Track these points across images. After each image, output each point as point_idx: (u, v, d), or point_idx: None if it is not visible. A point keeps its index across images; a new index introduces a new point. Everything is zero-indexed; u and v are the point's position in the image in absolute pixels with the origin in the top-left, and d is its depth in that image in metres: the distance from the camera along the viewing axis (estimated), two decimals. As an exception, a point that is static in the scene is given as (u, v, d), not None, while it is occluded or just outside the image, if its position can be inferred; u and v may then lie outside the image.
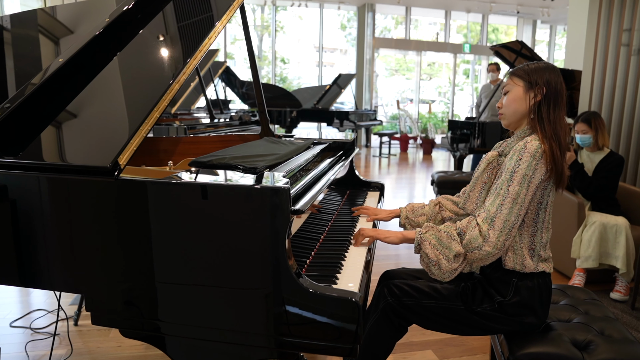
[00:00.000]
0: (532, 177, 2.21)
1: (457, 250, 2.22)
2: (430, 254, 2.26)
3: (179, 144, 3.43)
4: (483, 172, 2.42)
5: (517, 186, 2.20)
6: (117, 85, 2.32)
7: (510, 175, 2.22)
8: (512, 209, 2.19)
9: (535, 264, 2.33)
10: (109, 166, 1.90)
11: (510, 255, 2.32)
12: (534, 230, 2.32)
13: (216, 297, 1.86)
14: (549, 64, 2.42)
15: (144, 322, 1.95)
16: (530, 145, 2.23)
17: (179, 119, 7.31)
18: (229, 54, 18.98)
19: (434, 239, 2.27)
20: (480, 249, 2.19)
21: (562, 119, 2.35)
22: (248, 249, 1.81)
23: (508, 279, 2.34)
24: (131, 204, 1.90)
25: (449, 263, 2.23)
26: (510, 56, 8.16)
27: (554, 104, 2.33)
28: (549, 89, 2.33)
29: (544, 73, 2.36)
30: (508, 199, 2.20)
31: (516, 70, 2.45)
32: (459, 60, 20.78)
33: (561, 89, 2.36)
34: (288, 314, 1.81)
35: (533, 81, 2.36)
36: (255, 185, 1.84)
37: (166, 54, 2.38)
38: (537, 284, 2.33)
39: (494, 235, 2.18)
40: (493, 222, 2.19)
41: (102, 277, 1.97)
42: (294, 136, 3.73)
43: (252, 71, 3.64)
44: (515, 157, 2.24)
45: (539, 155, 2.21)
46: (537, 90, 2.35)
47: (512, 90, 2.42)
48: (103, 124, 2.19)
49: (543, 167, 2.22)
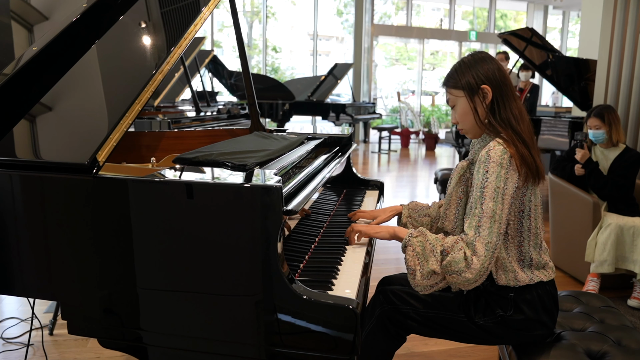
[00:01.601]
0: (504, 189, 2.13)
1: (432, 267, 2.13)
2: (410, 261, 2.19)
3: (163, 139, 3.42)
4: (456, 187, 2.38)
5: (490, 202, 2.12)
6: (95, 76, 2.31)
7: (480, 192, 2.15)
8: (491, 229, 2.10)
9: (530, 276, 2.29)
10: (87, 163, 1.90)
11: (501, 274, 2.28)
12: (520, 241, 2.29)
13: (202, 305, 1.86)
14: (475, 54, 2.38)
15: (125, 332, 1.95)
16: (494, 153, 2.15)
17: (162, 112, 7.29)
18: (217, 42, 18.96)
19: (419, 247, 2.18)
20: (460, 274, 2.09)
21: (516, 107, 2.30)
22: (237, 253, 1.81)
23: (505, 294, 2.31)
24: (110, 203, 1.90)
25: (422, 278, 2.15)
26: (520, 44, 8.18)
27: (503, 97, 2.28)
28: (491, 84, 2.28)
29: (476, 69, 2.31)
30: (484, 218, 2.11)
31: (448, 81, 2.40)
32: (464, 49, 20.79)
33: (502, 75, 2.31)
34: (280, 322, 1.82)
35: (472, 85, 2.30)
36: (244, 183, 1.84)
37: (148, 42, 2.38)
38: (536, 295, 2.30)
39: (477, 262, 2.08)
40: (474, 247, 2.09)
41: (79, 283, 1.97)
42: (287, 131, 3.73)
43: (241, 61, 3.63)
44: (482, 170, 2.16)
45: (507, 162, 2.14)
46: (481, 93, 2.29)
47: (457, 104, 2.37)
48: (80, 118, 2.19)
49: (514, 173, 2.15)
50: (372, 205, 3.35)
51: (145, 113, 6.74)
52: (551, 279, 2.36)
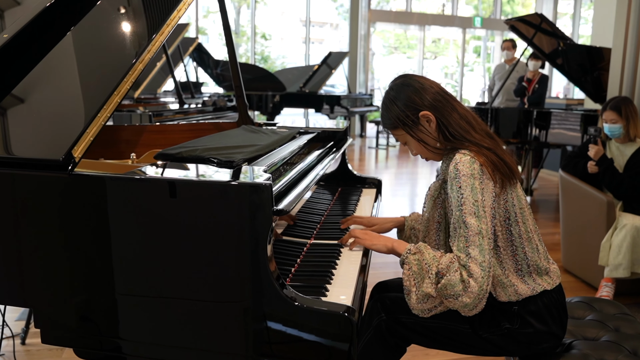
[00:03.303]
0: (483, 201, 2.12)
1: (427, 291, 2.10)
2: (406, 280, 2.16)
3: (143, 134, 3.42)
4: (432, 211, 2.38)
5: (472, 219, 2.09)
6: (71, 65, 2.31)
7: (459, 209, 2.12)
8: (481, 247, 2.07)
9: (532, 285, 2.28)
10: (62, 159, 1.89)
11: (500, 291, 2.28)
12: (513, 250, 2.28)
13: (186, 312, 1.86)
14: (394, 83, 2.40)
15: (103, 341, 1.95)
16: (462, 166, 2.15)
17: (143, 105, 7.29)
18: (201, 29, 18.95)
19: (415, 265, 2.15)
20: (456, 298, 2.05)
21: (459, 116, 2.31)
22: (223, 256, 1.82)
23: (508, 307, 2.30)
24: (87, 202, 1.90)
25: (417, 301, 2.14)
26: (529, 31, 8.18)
27: (443, 114, 2.29)
28: (427, 107, 2.29)
29: (403, 100, 2.32)
30: (470, 238, 2.08)
31: (384, 123, 2.42)
32: (468, 36, 20.83)
33: (431, 91, 2.32)
34: (270, 331, 1.82)
35: (409, 119, 2.31)
36: (231, 181, 1.85)
37: (128, 29, 2.38)
38: (542, 305, 2.29)
39: (475, 285, 2.03)
40: (469, 269, 2.04)
41: (53, 288, 1.96)
42: (277, 124, 3.73)
43: (228, 49, 3.63)
44: (455, 187, 2.16)
45: (478, 172, 2.14)
46: (423, 120, 2.31)
47: (407, 141, 2.39)
48: (55, 111, 2.18)
49: (489, 182, 2.16)
50: (369, 205, 3.35)
51: (125, 105, 6.75)
52: (556, 285, 2.35)
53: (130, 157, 2.78)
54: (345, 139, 3.74)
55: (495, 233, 2.23)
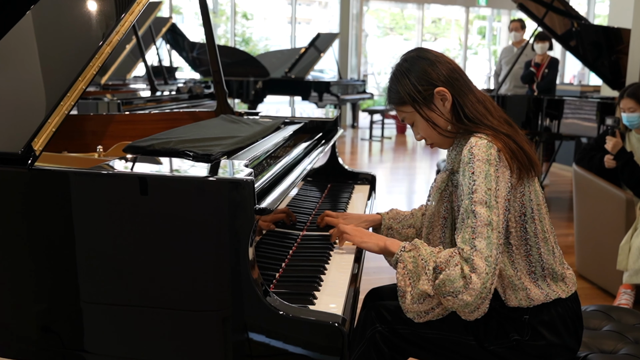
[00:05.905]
0: (497, 190, 2.09)
1: (423, 288, 2.06)
2: (400, 280, 2.14)
3: (111, 124, 3.42)
4: (438, 205, 2.37)
5: (482, 209, 2.05)
6: (31, 48, 2.30)
7: (469, 198, 2.09)
8: (489, 240, 2.03)
9: (545, 291, 2.26)
10: (20, 152, 1.89)
11: (510, 294, 2.26)
12: (528, 250, 2.26)
13: (159, 322, 1.86)
14: (407, 55, 2.39)
15: (66, 354, 1.95)
16: (478, 149, 2.12)
17: (111, 92, 7.29)
18: (175, 8, 18.93)
19: (411, 263, 2.12)
20: (456, 295, 2.00)
21: (476, 98, 2.31)
22: (200, 260, 1.82)
23: (518, 316, 2.28)
24: (49, 200, 1.90)
25: (412, 302, 2.11)
26: (539, 11, 8.18)
27: (461, 94, 2.28)
28: (445, 83, 2.28)
29: (417, 72, 2.30)
30: (478, 229, 2.04)
31: (389, 97, 2.40)
32: (472, 16, 20.86)
33: (449, 67, 2.31)
34: (252, 343, 1.82)
35: (421, 95, 2.29)
36: (209, 176, 1.85)
37: (94, 8, 2.37)
38: (556, 315, 2.28)
39: (478, 281, 1.98)
40: (472, 262, 2.00)
41: (11, 296, 1.96)
42: (260, 114, 3.74)
43: (205, 30, 3.64)
44: (467, 173, 2.12)
45: (495, 158, 2.11)
46: (437, 98, 2.29)
47: (414, 121, 2.36)
48: (12, 99, 2.17)
49: (505, 170, 2.13)
50: (361, 203, 3.36)
51: (91, 93, 6.74)
52: (572, 293, 2.34)
53: (96, 150, 2.78)
54: (336, 130, 3.75)
55: (508, 229, 2.22)
